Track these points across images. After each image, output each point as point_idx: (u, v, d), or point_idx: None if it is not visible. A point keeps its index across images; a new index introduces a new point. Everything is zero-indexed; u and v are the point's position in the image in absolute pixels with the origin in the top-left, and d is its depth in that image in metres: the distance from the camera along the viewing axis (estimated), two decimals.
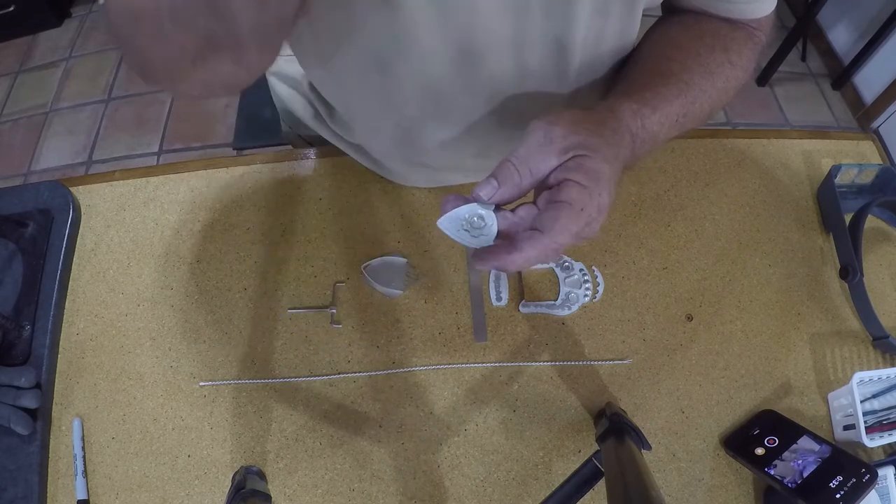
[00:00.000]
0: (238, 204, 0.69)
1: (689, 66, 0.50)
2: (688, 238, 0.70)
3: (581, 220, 0.37)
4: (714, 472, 0.59)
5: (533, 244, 0.37)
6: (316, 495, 0.56)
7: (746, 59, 0.53)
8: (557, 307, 0.65)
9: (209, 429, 0.59)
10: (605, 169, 0.39)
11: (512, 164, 0.38)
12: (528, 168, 0.38)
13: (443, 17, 0.46)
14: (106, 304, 0.64)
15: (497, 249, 0.38)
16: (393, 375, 0.61)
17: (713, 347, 0.65)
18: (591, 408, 0.61)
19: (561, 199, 0.37)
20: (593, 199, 0.38)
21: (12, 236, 0.65)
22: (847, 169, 0.71)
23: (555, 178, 0.38)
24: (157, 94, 1.99)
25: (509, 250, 0.38)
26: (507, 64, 0.51)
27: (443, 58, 0.50)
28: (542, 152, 0.38)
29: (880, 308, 0.67)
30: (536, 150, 0.38)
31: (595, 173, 0.38)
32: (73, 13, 2.21)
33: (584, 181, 0.37)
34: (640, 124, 0.44)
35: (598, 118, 0.42)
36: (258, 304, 0.64)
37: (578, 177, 0.37)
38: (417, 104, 0.55)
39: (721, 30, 0.53)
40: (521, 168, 0.38)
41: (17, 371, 0.57)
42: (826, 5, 1.80)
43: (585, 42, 0.51)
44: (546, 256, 0.38)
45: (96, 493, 0.56)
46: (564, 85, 0.55)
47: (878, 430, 0.59)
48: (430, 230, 0.68)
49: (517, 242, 0.38)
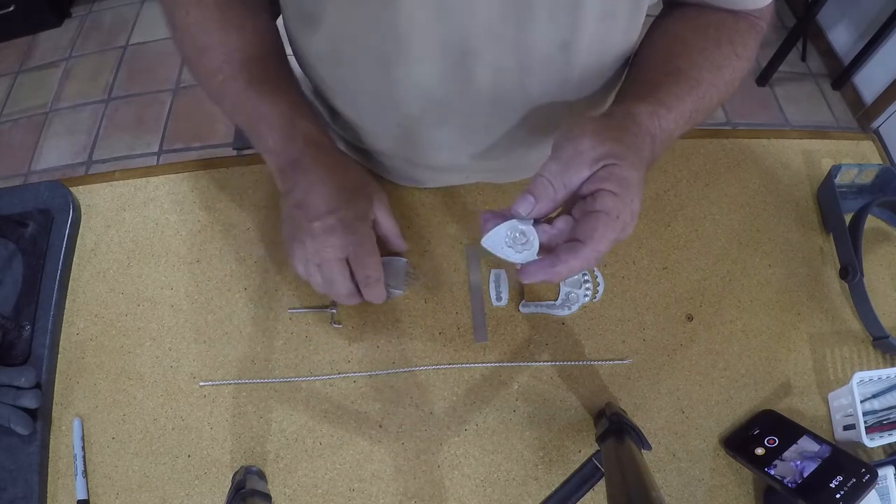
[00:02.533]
0: (238, 204, 0.69)
1: (697, 62, 0.50)
2: (688, 238, 0.70)
3: (617, 228, 0.39)
4: (714, 472, 0.59)
5: (576, 255, 0.39)
6: (316, 495, 0.56)
7: (751, 50, 0.54)
8: (557, 307, 0.65)
9: (209, 429, 0.59)
10: (634, 175, 0.40)
11: (546, 179, 0.40)
12: (563, 182, 0.40)
13: (442, 19, 0.46)
14: (106, 304, 0.64)
15: (542, 263, 0.40)
16: (393, 375, 0.61)
17: (713, 347, 0.65)
18: (591, 408, 0.61)
19: (596, 208, 0.39)
20: (626, 206, 0.39)
21: (12, 236, 0.65)
22: (847, 169, 0.72)
23: (587, 188, 0.40)
24: (157, 94, 1.99)
25: (553, 262, 0.39)
26: (509, 67, 0.51)
27: (443, 59, 0.50)
28: (573, 165, 0.40)
29: (880, 308, 0.67)
30: (567, 163, 0.40)
31: (625, 181, 0.39)
32: (73, 13, 2.21)
33: (616, 189, 0.39)
34: (657, 125, 0.45)
35: (620, 125, 0.43)
36: (258, 304, 0.64)
37: (611, 186, 0.39)
38: (418, 105, 0.55)
39: (724, 21, 0.53)
40: (556, 182, 0.40)
41: (17, 371, 0.57)
42: (826, 5, 1.80)
43: (590, 46, 0.51)
44: (588, 265, 0.40)
45: (96, 493, 0.56)
46: (568, 87, 0.55)
47: (878, 430, 0.59)
48: (429, 230, 0.68)
49: (560, 254, 0.39)
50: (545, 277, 0.40)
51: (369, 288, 0.50)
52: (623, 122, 0.43)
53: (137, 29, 2.16)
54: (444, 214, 0.69)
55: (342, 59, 0.54)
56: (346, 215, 0.48)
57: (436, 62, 0.50)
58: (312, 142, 0.50)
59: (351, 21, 0.49)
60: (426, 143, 0.60)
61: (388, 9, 0.45)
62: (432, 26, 0.47)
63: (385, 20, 0.47)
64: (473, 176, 0.71)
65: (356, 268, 0.49)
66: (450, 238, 0.68)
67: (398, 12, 0.46)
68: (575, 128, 0.41)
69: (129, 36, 2.14)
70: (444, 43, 0.48)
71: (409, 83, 0.53)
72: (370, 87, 0.55)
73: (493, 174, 0.70)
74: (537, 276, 0.40)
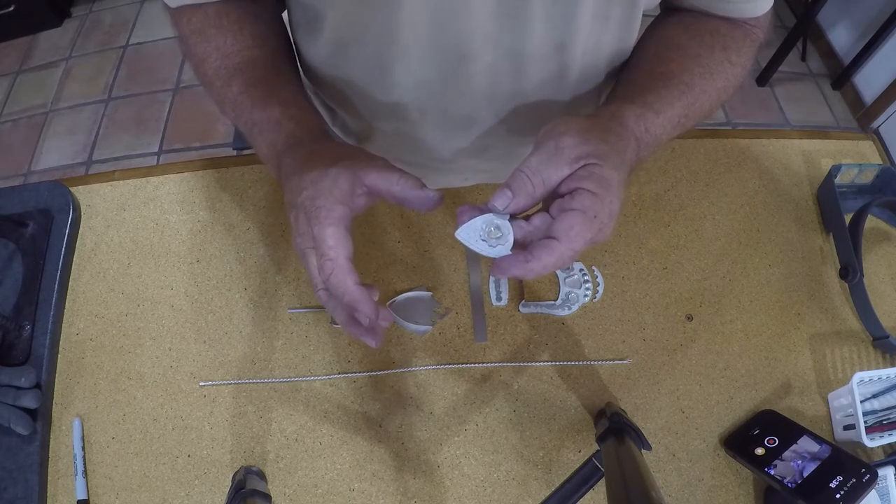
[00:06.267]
0: (238, 204, 0.69)
1: (689, 67, 0.50)
2: (688, 238, 0.70)
3: (594, 227, 0.38)
4: (714, 472, 0.59)
5: (550, 252, 0.38)
6: (316, 495, 0.56)
7: (745, 58, 0.53)
8: (557, 307, 0.65)
9: (209, 429, 0.59)
10: (615, 176, 0.39)
11: (525, 175, 0.39)
12: (541, 178, 0.39)
13: (440, 23, 0.46)
14: (106, 304, 0.64)
15: (515, 258, 0.39)
16: (393, 375, 0.61)
17: (713, 347, 0.65)
18: (591, 408, 0.61)
19: (574, 207, 0.38)
20: (605, 206, 0.39)
21: (12, 236, 0.65)
22: (847, 169, 0.72)
23: (566, 186, 0.39)
24: (157, 94, 1.99)
25: (527, 258, 0.38)
26: (504, 69, 0.51)
27: (441, 62, 0.50)
28: (553, 162, 0.39)
29: (880, 308, 0.67)
30: (548, 160, 0.39)
31: (606, 181, 0.39)
32: (73, 13, 2.21)
33: (596, 189, 0.38)
34: (643, 128, 0.45)
35: (604, 125, 0.42)
36: (258, 304, 0.64)
37: (590, 185, 0.38)
38: (416, 106, 0.55)
39: (720, 29, 0.53)
40: (534, 178, 0.39)
41: (17, 371, 0.57)
42: (826, 5, 1.80)
43: (586, 47, 0.51)
44: (562, 263, 0.39)
45: (96, 493, 0.56)
46: (563, 88, 0.55)
47: (878, 430, 0.59)
48: (429, 230, 0.69)
49: (534, 250, 0.39)
50: (518, 273, 0.39)
51: (325, 273, 0.40)
52: (608, 122, 0.43)
53: (137, 29, 2.16)
54: (444, 215, 0.69)
55: (343, 62, 0.54)
56: (305, 200, 0.41)
57: (433, 65, 0.50)
58: (293, 138, 0.46)
59: (352, 25, 0.49)
60: (424, 143, 0.61)
61: (388, 13, 0.46)
62: (431, 30, 0.47)
63: (385, 24, 0.47)
64: (472, 177, 0.71)
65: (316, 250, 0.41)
66: (450, 238, 0.68)
67: (398, 17, 0.46)
68: (559, 125, 0.41)
69: (129, 36, 2.14)
70: (442, 46, 0.48)
71: (408, 85, 0.53)
72: (369, 90, 0.55)
73: (492, 175, 0.70)
74: (510, 271, 0.39)
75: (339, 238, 0.40)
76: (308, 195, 0.41)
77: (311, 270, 0.42)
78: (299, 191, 0.41)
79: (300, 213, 0.41)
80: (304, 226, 0.41)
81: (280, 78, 0.51)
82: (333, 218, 0.40)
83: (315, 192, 0.41)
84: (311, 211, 0.40)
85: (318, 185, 0.41)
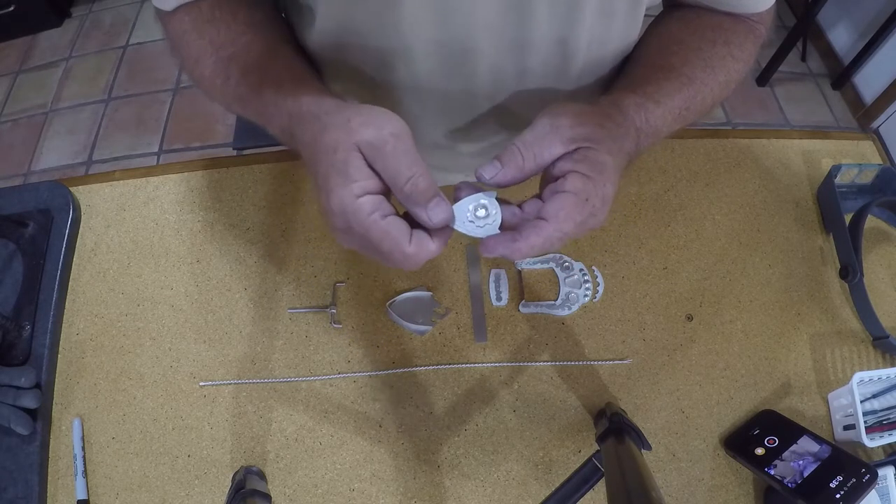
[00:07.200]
0: (238, 204, 0.69)
1: (690, 60, 0.50)
2: (688, 238, 0.70)
3: (585, 210, 0.38)
4: (714, 472, 0.59)
5: (538, 232, 0.38)
6: (316, 495, 0.56)
7: (748, 53, 0.53)
8: (557, 307, 0.65)
9: (209, 429, 0.58)
10: (609, 161, 0.39)
11: (516, 147, 0.39)
12: (533, 152, 0.39)
13: (443, 18, 0.46)
14: (106, 304, 0.64)
15: (502, 237, 0.38)
16: (393, 375, 0.61)
17: (713, 347, 0.65)
18: (591, 408, 0.61)
19: (566, 189, 0.38)
20: (598, 190, 0.38)
21: (12, 236, 0.65)
22: (847, 169, 0.71)
23: (559, 169, 0.39)
24: (157, 94, 1.99)
25: (514, 238, 0.38)
26: (508, 64, 0.51)
27: (443, 57, 0.50)
28: (547, 139, 0.39)
29: (880, 308, 0.67)
30: (542, 136, 0.39)
31: (599, 165, 0.38)
32: (73, 13, 2.20)
33: (588, 172, 0.38)
34: (643, 118, 0.45)
35: (603, 112, 0.42)
36: (258, 304, 0.64)
37: (583, 168, 0.38)
38: (418, 102, 0.55)
39: (723, 24, 0.53)
40: (526, 152, 0.39)
41: (17, 371, 0.57)
42: (826, 5, 1.80)
43: (589, 44, 0.51)
44: (550, 245, 0.38)
45: (96, 493, 0.56)
46: (566, 85, 0.55)
47: (878, 430, 0.59)
48: None
49: (522, 230, 0.38)
50: (505, 253, 0.39)
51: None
52: (608, 109, 0.43)
53: (137, 29, 2.16)
54: None
55: (345, 57, 0.54)
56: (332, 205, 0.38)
57: (436, 61, 0.50)
58: (296, 116, 0.43)
59: (352, 20, 0.49)
60: (426, 140, 0.60)
61: (390, 8, 0.45)
62: (433, 26, 0.47)
63: (387, 20, 0.47)
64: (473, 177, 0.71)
65: (374, 244, 0.38)
66: (450, 238, 0.68)
67: (400, 12, 0.46)
68: (558, 107, 0.40)
69: (129, 36, 2.14)
70: (444, 41, 0.48)
71: (410, 81, 0.53)
72: (371, 86, 0.55)
73: None
74: (497, 251, 0.39)
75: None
76: (333, 203, 0.38)
77: (380, 254, 0.39)
78: (322, 201, 0.39)
79: (334, 223, 0.38)
80: (346, 235, 0.39)
81: (277, 62, 0.49)
82: (365, 210, 0.37)
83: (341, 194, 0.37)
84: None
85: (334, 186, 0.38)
